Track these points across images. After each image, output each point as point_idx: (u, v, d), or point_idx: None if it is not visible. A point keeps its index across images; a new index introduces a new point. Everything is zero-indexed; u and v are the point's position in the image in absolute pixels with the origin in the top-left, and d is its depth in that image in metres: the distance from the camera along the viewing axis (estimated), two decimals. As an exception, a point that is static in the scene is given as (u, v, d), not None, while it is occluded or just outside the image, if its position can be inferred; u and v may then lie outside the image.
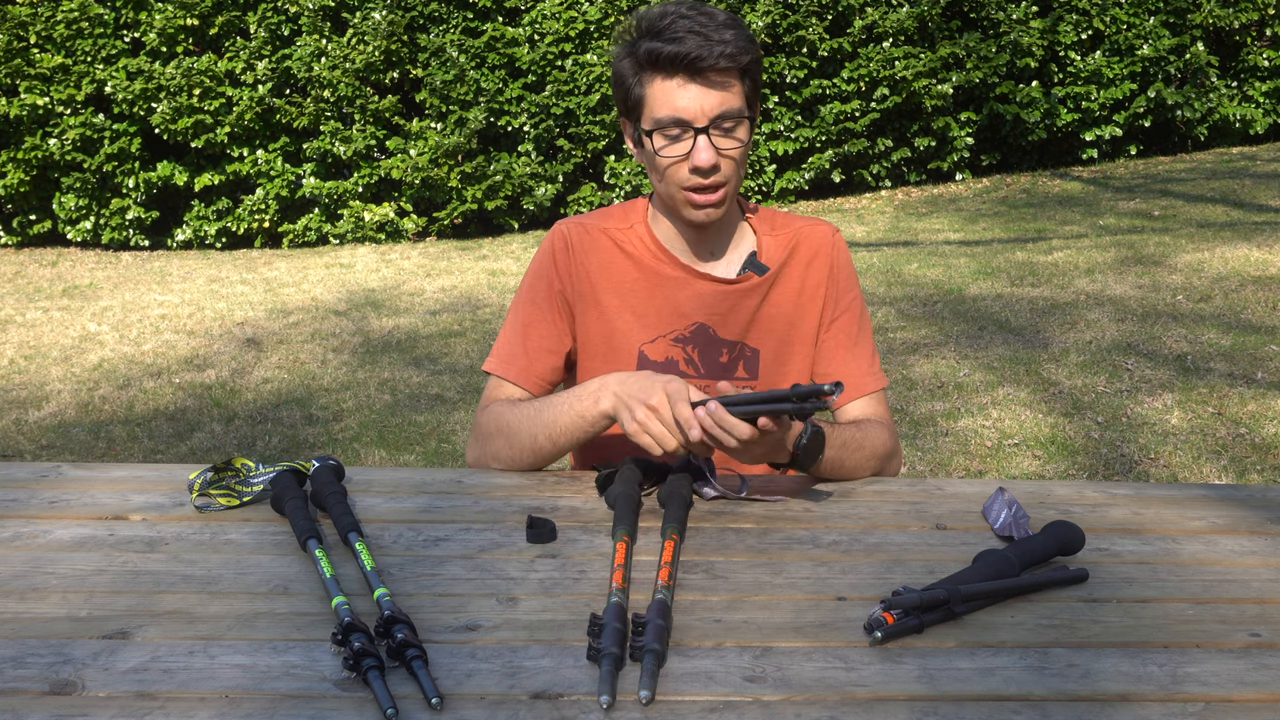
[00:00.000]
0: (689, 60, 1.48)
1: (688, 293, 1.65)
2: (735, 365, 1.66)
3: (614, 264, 1.66)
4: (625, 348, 1.65)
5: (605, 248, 1.67)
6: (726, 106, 1.51)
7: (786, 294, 1.67)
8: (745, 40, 1.51)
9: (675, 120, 1.51)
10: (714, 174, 1.53)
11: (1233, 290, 5.79)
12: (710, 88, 1.50)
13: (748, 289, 1.65)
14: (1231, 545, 1.33)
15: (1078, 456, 3.87)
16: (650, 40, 1.50)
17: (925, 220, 8.86)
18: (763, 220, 1.71)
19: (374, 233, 9.99)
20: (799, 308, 1.68)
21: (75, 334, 6.67)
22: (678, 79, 1.50)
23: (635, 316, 1.65)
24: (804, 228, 1.71)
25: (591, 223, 1.69)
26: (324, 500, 1.35)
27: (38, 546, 1.29)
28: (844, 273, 1.71)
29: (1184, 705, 0.96)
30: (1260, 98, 10.54)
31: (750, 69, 1.53)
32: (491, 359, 1.70)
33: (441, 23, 9.93)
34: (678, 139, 1.52)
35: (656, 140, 1.54)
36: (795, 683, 0.99)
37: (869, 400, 1.68)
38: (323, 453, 4.27)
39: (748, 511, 1.42)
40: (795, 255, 1.68)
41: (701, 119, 1.50)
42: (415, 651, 0.99)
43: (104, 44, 9.84)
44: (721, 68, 1.49)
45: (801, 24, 9.81)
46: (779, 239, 1.69)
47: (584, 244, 1.67)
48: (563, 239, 1.68)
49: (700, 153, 1.50)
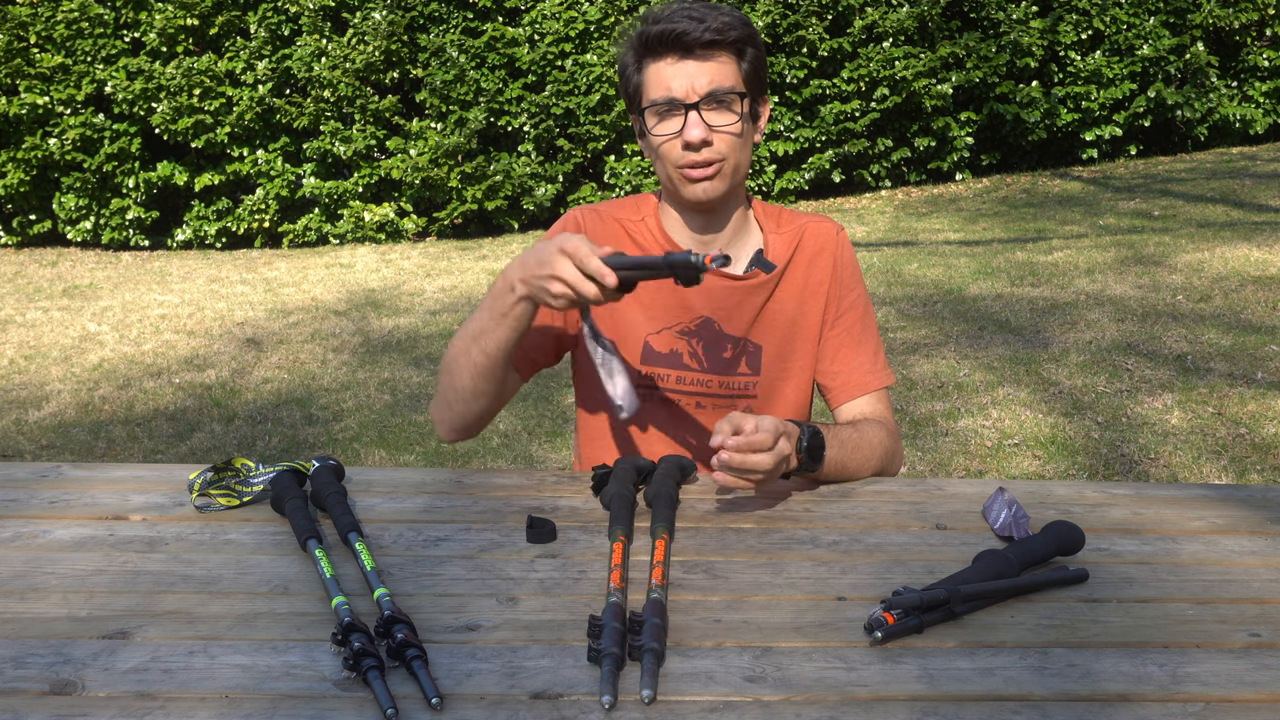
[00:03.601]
0: (676, 36, 1.51)
1: (695, 287, 1.65)
2: (738, 360, 1.67)
3: (625, 252, 1.67)
4: (631, 337, 1.66)
5: (618, 235, 1.68)
6: (717, 83, 1.52)
7: (791, 291, 1.68)
8: (738, 20, 1.54)
9: (667, 98, 1.53)
10: (706, 149, 1.54)
11: (1233, 290, 5.79)
12: (700, 62, 1.52)
13: (754, 286, 1.66)
14: (1231, 545, 1.33)
15: (1078, 456, 3.87)
16: (647, 25, 1.55)
17: (925, 220, 8.86)
18: (769, 217, 1.72)
19: (374, 233, 9.99)
20: (802, 304, 1.68)
21: (75, 334, 6.67)
22: (669, 58, 1.53)
23: (642, 307, 1.66)
24: (809, 224, 1.71)
25: (605, 210, 1.71)
26: (324, 500, 1.35)
27: (38, 546, 1.29)
28: (848, 270, 1.71)
29: (1184, 705, 0.96)
30: (1260, 98, 10.54)
31: (744, 49, 1.55)
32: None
33: (441, 23, 9.93)
34: (670, 117, 1.54)
35: (649, 120, 1.56)
36: (795, 683, 0.99)
37: (870, 398, 1.68)
38: (323, 453, 4.27)
39: (748, 511, 1.42)
40: (800, 252, 1.69)
41: (692, 95, 1.52)
42: (415, 651, 0.99)
43: (104, 44, 9.84)
44: (708, 41, 1.51)
45: (801, 24, 9.81)
46: (785, 236, 1.69)
47: (598, 229, 1.68)
48: (576, 223, 1.69)
49: (691, 128, 1.52)
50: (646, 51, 1.55)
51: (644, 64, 1.56)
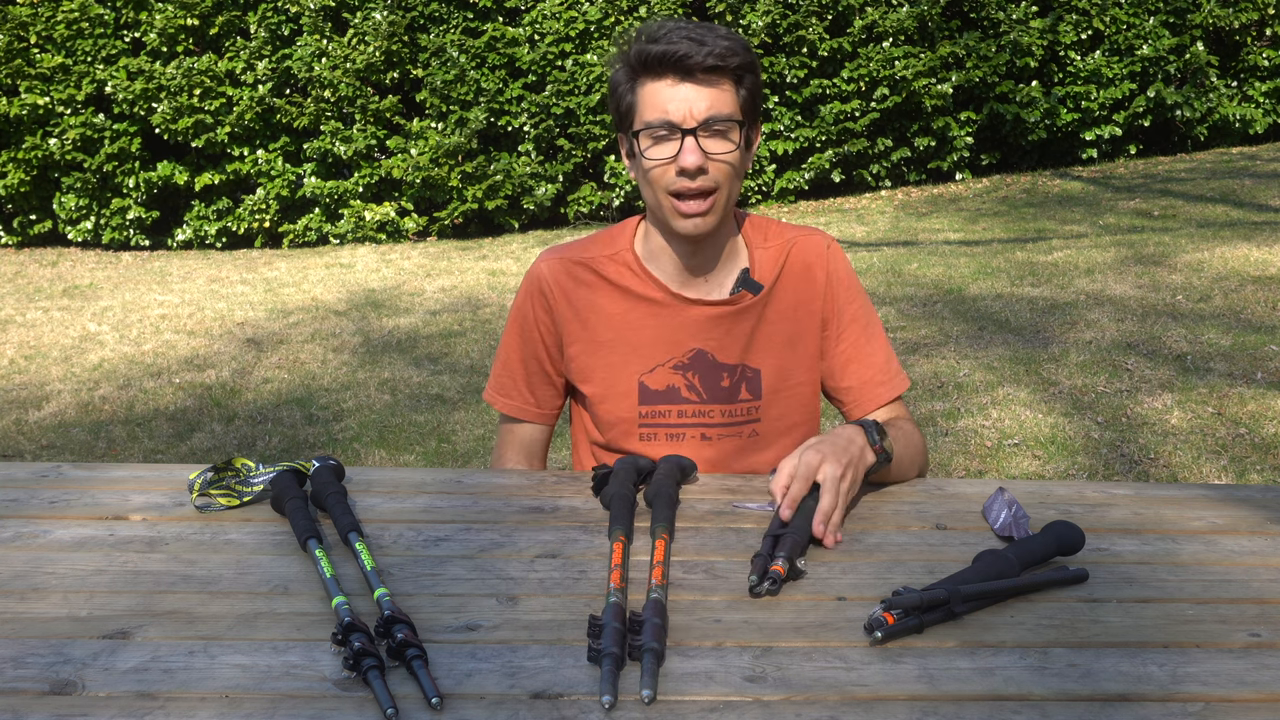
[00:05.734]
0: (678, 58, 1.46)
1: (680, 319, 1.62)
2: (738, 389, 1.63)
3: (600, 298, 1.64)
4: (624, 379, 1.63)
5: (589, 282, 1.64)
6: (716, 110, 1.47)
7: (783, 311, 1.64)
8: (739, 46, 1.49)
9: (664, 122, 1.48)
10: (701, 176, 1.49)
11: (1233, 290, 5.79)
12: (700, 87, 1.47)
13: (742, 310, 1.62)
14: (1231, 545, 1.33)
15: (1078, 456, 3.87)
16: (643, 44, 1.49)
17: (925, 220, 8.86)
18: (756, 230, 1.67)
19: (374, 232, 9.99)
20: (796, 323, 1.64)
21: (75, 334, 6.67)
22: (667, 79, 1.48)
23: (631, 348, 1.63)
24: (798, 239, 1.66)
25: (572, 255, 1.66)
26: (324, 500, 1.35)
27: (38, 546, 1.29)
28: (843, 284, 1.66)
29: (1184, 705, 0.96)
30: (1260, 98, 10.54)
31: (743, 75, 1.50)
32: (495, 393, 1.73)
33: (442, 23, 9.93)
34: (665, 140, 1.49)
35: (643, 142, 1.51)
36: (795, 683, 0.99)
37: (888, 409, 1.66)
38: (323, 453, 4.27)
39: (748, 511, 1.42)
40: (788, 269, 1.64)
41: (690, 120, 1.47)
42: (415, 651, 0.99)
43: (104, 44, 9.84)
44: (709, 66, 1.46)
45: (801, 24, 9.81)
46: (771, 251, 1.65)
47: (563, 285, 1.64)
48: (537, 285, 1.66)
49: (687, 154, 1.47)
50: (644, 70, 1.49)
51: (639, 83, 1.50)
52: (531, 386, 1.71)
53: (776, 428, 1.66)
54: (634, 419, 1.63)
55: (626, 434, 1.64)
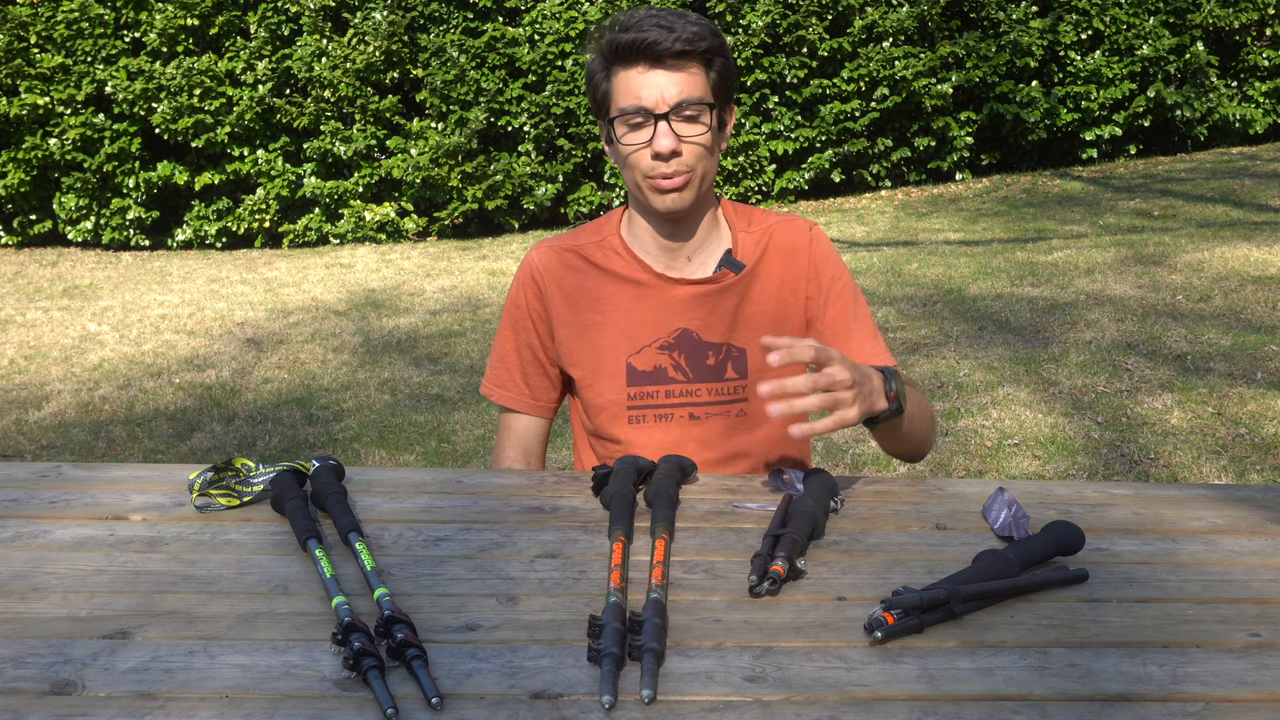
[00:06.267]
0: (647, 45, 1.50)
1: (665, 299, 1.65)
2: (724, 367, 1.66)
3: (588, 282, 1.68)
4: (612, 361, 1.66)
5: (578, 267, 1.68)
6: (687, 94, 1.52)
7: (767, 290, 1.67)
8: (708, 30, 1.53)
9: (637, 108, 1.53)
10: (675, 159, 1.54)
11: (1233, 290, 5.79)
12: (670, 73, 1.52)
13: (724, 288, 1.65)
14: (1231, 545, 1.33)
15: (1078, 456, 3.87)
16: (615, 33, 1.54)
17: (925, 220, 8.86)
18: (740, 215, 1.71)
19: (374, 232, 9.99)
20: (780, 302, 1.67)
21: (75, 334, 6.67)
22: (638, 67, 1.52)
23: (618, 330, 1.65)
24: (780, 224, 1.70)
25: (562, 244, 1.71)
26: (324, 500, 1.35)
27: (38, 546, 1.29)
28: (826, 264, 1.69)
29: (1184, 705, 0.96)
30: (1260, 98, 10.54)
31: (713, 59, 1.54)
32: (491, 386, 1.75)
33: (442, 23, 9.94)
34: (639, 126, 1.54)
35: (619, 129, 1.56)
36: (795, 683, 0.99)
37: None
38: (323, 453, 4.27)
39: (748, 512, 1.42)
40: (771, 250, 1.68)
41: (662, 105, 1.52)
42: (415, 651, 0.99)
43: (104, 44, 9.85)
44: (678, 51, 1.51)
45: (801, 24, 9.81)
46: (754, 235, 1.68)
47: (553, 271, 1.69)
48: (529, 273, 1.71)
49: (660, 139, 1.52)
50: (616, 59, 1.54)
51: (613, 71, 1.56)
52: (526, 377, 1.74)
53: (764, 407, 1.66)
54: (623, 400, 1.66)
55: (615, 417, 1.67)
